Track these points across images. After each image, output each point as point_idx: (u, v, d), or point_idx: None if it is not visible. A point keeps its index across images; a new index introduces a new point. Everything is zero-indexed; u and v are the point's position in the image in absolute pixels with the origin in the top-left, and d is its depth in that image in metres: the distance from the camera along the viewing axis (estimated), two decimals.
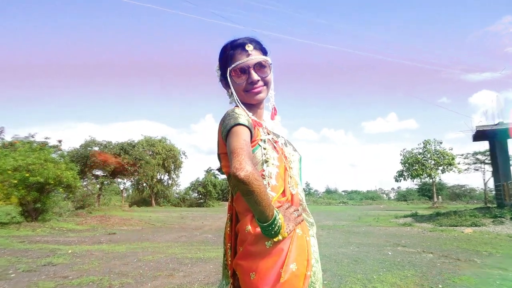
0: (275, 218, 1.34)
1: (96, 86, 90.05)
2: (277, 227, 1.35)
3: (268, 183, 1.48)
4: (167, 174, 46.68)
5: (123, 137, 78.46)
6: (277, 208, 1.43)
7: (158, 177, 45.51)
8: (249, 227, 1.43)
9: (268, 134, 1.61)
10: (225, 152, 1.45)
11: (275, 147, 1.58)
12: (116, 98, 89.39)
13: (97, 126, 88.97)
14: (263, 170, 1.49)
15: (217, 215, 25.31)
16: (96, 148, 28.32)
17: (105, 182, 29.88)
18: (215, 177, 49.59)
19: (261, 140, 1.54)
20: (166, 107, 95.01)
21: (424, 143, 38.97)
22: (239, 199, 1.49)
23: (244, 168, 1.26)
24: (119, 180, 35.14)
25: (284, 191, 1.54)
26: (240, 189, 1.31)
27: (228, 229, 1.59)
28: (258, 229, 1.39)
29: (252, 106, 1.64)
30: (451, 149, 37.58)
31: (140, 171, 30.78)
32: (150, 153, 41.50)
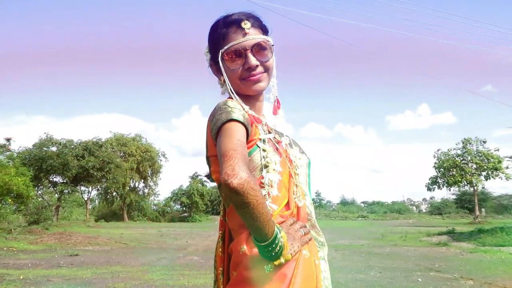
0: (276, 236, 1.35)
1: (53, 73, 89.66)
2: (278, 248, 1.36)
3: (268, 193, 1.48)
4: (142, 180, 46.69)
5: (88, 134, 78.32)
6: (279, 224, 1.44)
7: (132, 184, 45.50)
8: (245, 247, 1.43)
9: (269, 132, 1.62)
10: (216, 154, 1.45)
11: (277, 149, 1.59)
12: (78, 86, 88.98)
13: (55, 121, 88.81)
14: (262, 177, 1.50)
15: (205, 232, 25.33)
16: (54, 149, 28.33)
17: (65, 191, 29.88)
18: (203, 184, 49.62)
19: (260, 139, 1.54)
20: (141, 97, 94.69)
21: (463, 143, 39.01)
22: (233, 213, 1.49)
23: (238, 175, 1.26)
24: (83, 188, 35.15)
25: (288, 203, 1.55)
26: (232, 201, 1.31)
27: (220, 250, 1.60)
28: (256, 250, 1.39)
29: (250, 97, 1.65)
30: (497, 149, 37.60)
31: (108, 177, 30.79)
32: (121, 154, 41.50)
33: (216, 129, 1.44)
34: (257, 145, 1.52)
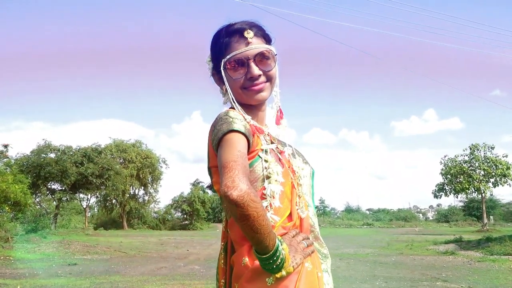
0: (277, 249, 1.36)
1: (50, 77, 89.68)
2: (279, 260, 1.37)
3: (270, 204, 1.49)
4: (142, 188, 46.77)
5: (87, 140, 78.46)
6: (282, 235, 1.46)
7: (131, 191, 45.57)
8: (246, 260, 1.45)
9: (272, 142, 1.64)
10: (217, 165, 1.46)
11: (280, 159, 1.61)
12: (76, 90, 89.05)
13: (53, 126, 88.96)
14: (264, 188, 1.51)
15: (206, 241, 25.32)
16: (52, 155, 28.39)
17: (64, 198, 29.93)
18: (204, 191, 49.60)
19: (262, 150, 1.55)
20: (141, 102, 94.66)
21: (471, 149, 38.92)
22: (234, 224, 1.50)
23: (238, 187, 1.28)
24: (82, 195, 35.23)
25: (290, 215, 1.56)
26: (233, 213, 1.33)
27: (222, 261, 1.62)
28: (257, 263, 1.41)
29: (252, 107, 1.66)
30: (506, 156, 37.50)
31: (108, 184, 30.83)
32: (121, 161, 41.57)
33: (217, 140, 1.46)
34: (258, 155, 1.54)
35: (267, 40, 1.69)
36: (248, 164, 1.45)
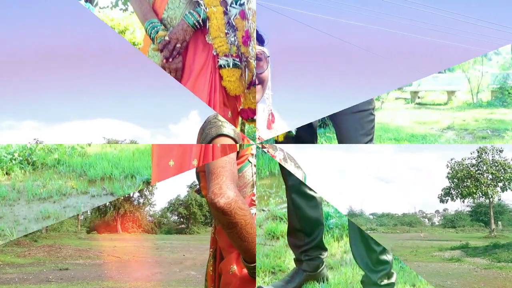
0: None
1: (42, 73, 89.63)
2: None
3: None
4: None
5: (79, 140, 78.24)
6: None
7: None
8: (234, 268, 1.45)
9: (263, 147, 1.64)
10: (205, 170, 1.46)
11: None
12: (69, 88, 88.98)
13: (44, 126, 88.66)
14: (253, 195, 1.52)
15: (203, 245, 25.12)
16: None
17: None
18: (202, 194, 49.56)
19: (252, 155, 1.56)
20: (136, 101, 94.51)
21: (478, 151, 38.72)
22: (223, 231, 1.49)
23: (225, 194, 1.27)
24: None
25: None
26: (220, 221, 1.33)
27: (211, 268, 1.62)
28: (245, 271, 1.41)
29: None
30: None
31: None
32: None
33: (205, 144, 1.47)
34: (248, 160, 1.54)
35: (260, 41, 1.70)
36: (237, 170, 1.45)
